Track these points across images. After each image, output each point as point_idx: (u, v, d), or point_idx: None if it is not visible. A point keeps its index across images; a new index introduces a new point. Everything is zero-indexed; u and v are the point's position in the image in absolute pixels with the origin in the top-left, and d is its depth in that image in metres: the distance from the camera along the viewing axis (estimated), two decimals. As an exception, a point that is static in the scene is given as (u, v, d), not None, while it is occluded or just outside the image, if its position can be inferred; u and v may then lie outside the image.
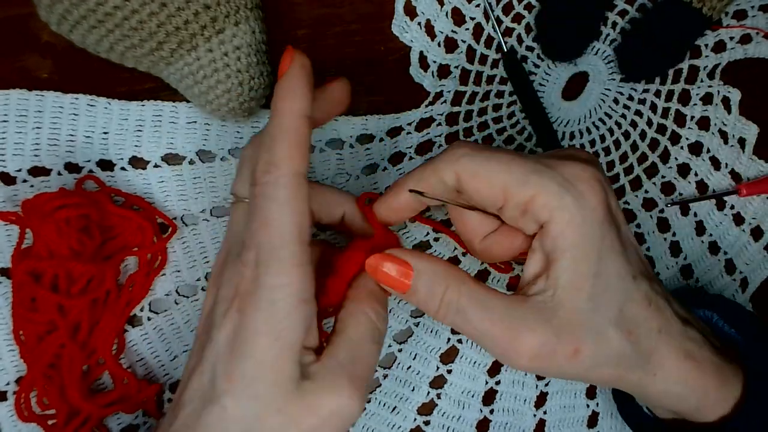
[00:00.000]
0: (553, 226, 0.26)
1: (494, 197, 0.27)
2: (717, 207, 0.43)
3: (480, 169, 0.27)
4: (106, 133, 0.36)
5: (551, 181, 0.26)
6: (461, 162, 0.27)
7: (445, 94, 0.40)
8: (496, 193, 0.27)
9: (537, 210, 0.26)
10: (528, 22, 0.41)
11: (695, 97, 0.42)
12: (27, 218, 0.33)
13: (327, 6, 0.38)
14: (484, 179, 0.27)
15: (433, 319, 0.28)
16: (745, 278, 0.42)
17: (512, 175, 0.26)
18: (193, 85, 0.33)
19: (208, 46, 0.32)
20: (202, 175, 0.37)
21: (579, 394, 0.40)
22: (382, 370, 0.38)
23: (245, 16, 0.33)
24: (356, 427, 0.38)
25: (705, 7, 0.39)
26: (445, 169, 0.28)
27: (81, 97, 0.35)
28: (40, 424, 0.33)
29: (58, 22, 0.32)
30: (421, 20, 0.39)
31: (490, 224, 0.30)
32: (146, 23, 0.31)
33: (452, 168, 0.27)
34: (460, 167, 0.27)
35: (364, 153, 0.39)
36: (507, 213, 0.27)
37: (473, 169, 0.27)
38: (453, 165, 0.27)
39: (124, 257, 0.35)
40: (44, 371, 0.33)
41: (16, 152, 0.35)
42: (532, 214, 0.26)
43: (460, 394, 0.39)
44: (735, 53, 0.42)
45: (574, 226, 0.26)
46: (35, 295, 0.32)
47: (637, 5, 0.42)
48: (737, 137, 0.42)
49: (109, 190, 0.35)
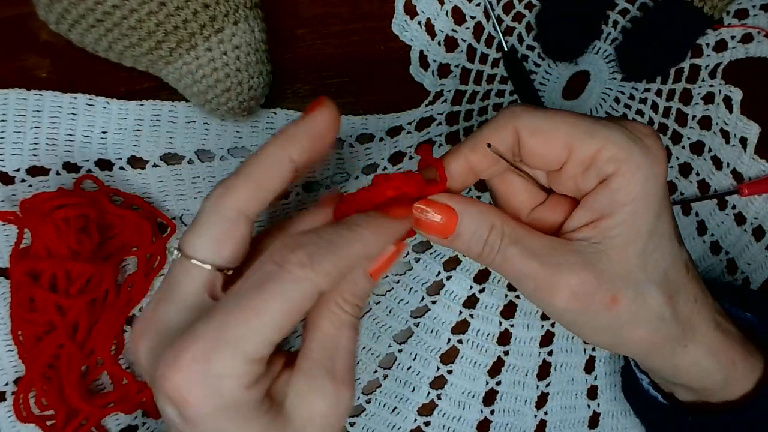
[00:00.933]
0: (617, 179, 0.25)
1: (557, 153, 0.25)
2: (718, 207, 0.42)
3: (543, 124, 0.25)
4: (104, 133, 0.36)
5: (620, 133, 0.25)
6: (522, 118, 0.25)
7: (445, 94, 0.40)
8: (558, 149, 0.25)
9: (602, 163, 0.25)
10: (529, 21, 0.41)
11: (696, 96, 0.42)
12: (25, 218, 0.33)
13: (327, 5, 0.38)
14: (547, 134, 0.25)
15: (475, 260, 0.27)
16: (746, 278, 0.42)
17: (578, 128, 0.25)
18: (192, 85, 0.33)
19: (207, 45, 0.32)
20: (201, 175, 0.36)
21: (580, 394, 0.40)
22: (382, 370, 0.38)
23: (244, 15, 0.33)
24: (356, 427, 0.38)
25: (706, 6, 0.39)
26: (505, 127, 0.26)
27: (80, 96, 0.35)
28: (39, 425, 0.33)
29: (56, 21, 0.32)
30: (421, 19, 0.39)
31: (537, 196, 0.28)
32: (145, 22, 0.31)
33: (512, 124, 0.26)
34: (520, 123, 0.25)
35: (364, 153, 0.39)
36: (568, 170, 0.26)
37: (535, 124, 0.25)
38: (512, 121, 0.26)
39: (123, 257, 0.35)
40: (43, 371, 0.32)
41: (15, 152, 0.34)
42: (596, 168, 0.25)
43: (461, 395, 0.39)
44: (736, 52, 0.42)
45: (640, 180, 0.25)
46: (34, 295, 0.32)
47: (638, 4, 0.41)
48: (739, 137, 0.42)
49: (108, 189, 0.35)
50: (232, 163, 0.37)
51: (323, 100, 0.25)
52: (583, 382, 0.40)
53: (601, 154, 0.25)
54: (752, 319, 0.31)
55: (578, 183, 0.26)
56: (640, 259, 0.25)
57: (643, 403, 0.34)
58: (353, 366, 0.25)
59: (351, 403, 0.24)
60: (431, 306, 0.39)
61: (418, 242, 0.39)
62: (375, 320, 0.38)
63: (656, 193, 0.25)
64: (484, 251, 0.26)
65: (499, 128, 0.26)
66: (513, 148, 0.26)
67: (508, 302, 0.40)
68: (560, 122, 0.25)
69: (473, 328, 0.39)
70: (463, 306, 0.39)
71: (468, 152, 0.27)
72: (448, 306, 0.39)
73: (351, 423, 0.38)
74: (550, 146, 0.25)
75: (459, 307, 0.39)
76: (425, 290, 0.39)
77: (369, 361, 0.38)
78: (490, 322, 0.40)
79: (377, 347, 0.38)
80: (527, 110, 0.26)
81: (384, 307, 0.38)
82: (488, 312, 0.40)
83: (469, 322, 0.39)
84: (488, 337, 0.39)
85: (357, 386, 0.38)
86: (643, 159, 0.25)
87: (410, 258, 0.39)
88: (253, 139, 0.37)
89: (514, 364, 0.40)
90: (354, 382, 0.25)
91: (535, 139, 0.25)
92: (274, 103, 0.37)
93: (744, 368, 0.29)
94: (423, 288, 0.39)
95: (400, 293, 0.39)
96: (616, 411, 0.41)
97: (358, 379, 0.38)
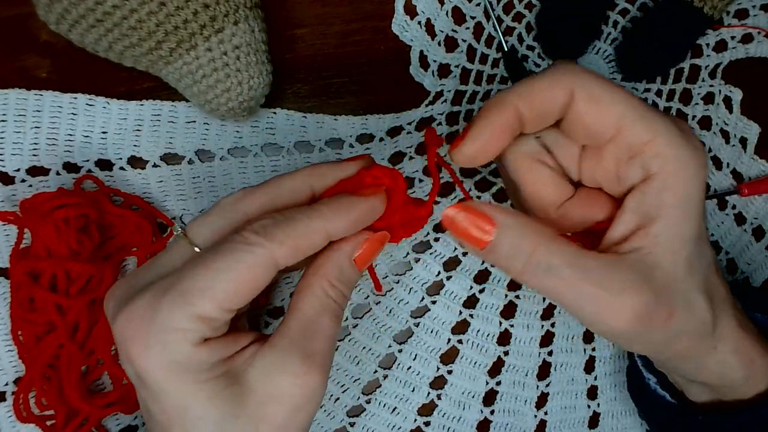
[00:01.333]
0: (663, 177, 0.23)
1: (607, 128, 0.24)
2: (718, 207, 0.42)
3: (602, 93, 0.23)
4: (104, 133, 0.36)
5: (672, 127, 0.23)
6: (582, 79, 0.23)
7: (445, 94, 0.40)
8: (609, 124, 0.24)
9: (649, 157, 0.23)
10: (529, 21, 0.41)
11: (696, 96, 0.42)
12: (25, 218, 0.33)
13: (327, 5, 0.38)
14: (603, 104, 0.23)
15: (514, 278, 0.25)
16: (747, 278, 0.42)
17: (635, 110, 0.23)
18: (192, 85, 0.33)
19: (207, 45, 0.32)
20: (201, 175, 0.36)
21: (580, 394, 0.40)
22: (382, 370, 0.38)
23: (244, 15, 0.33)
24: (356, 427, 0.38)
25: (706, 7, 0.39)
26: (561, 82, 0.23)
27: (80, 96, 0.35)
28: (39, 425, 0.33)
29: (56, 21, 0.32)
30: (422, 19, 0.39)
31: (565, 190, 0.27)
32: (145, 22, 0.31)
33: (570, 81, 0.23)
34: (579, 83, 0.23)
35: (364, 153, 0.39)
36: (612, 152, 0.25)
37: (594, 89, 0.23)
38: (571, 78, 0.23)
39: (123, 257, 0.35)
40: (43, 371, 0.32)
41: (15, 152, 0.34)
42: (642, 161, 0.24)
43: (461, 395, 0.39)
44: (736, 53, 0.42)
45: (685, 182, 0.23)
46: (34, 296, 0.32)
47: (638, 4, 0.41)
48: (739, 137, 0.42)
49: (108, 189, 0.35)
50: (232, 163, 0.37)
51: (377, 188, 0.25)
52: (583, 382, 0.40)
53: (652, 146, 0.23)
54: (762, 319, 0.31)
55: (619, 171, 0.25)
56: (687, 267, 0.24)
57: (649, 402, 0.34)
58: (330, 353, 0.24)
59: (322, 390, 0.24)
60: (431, 306, 0.39)
61: (418, 242, 0.39)
62: (375, 320, 0.38)
63: (700, 195, 0.24)
64: (526, 269, 0.24)
65: (554, 83, 0.24)
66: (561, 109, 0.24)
67: (508, 302, 0.40)
68: (619, 97, 0.24)
69: (473, 328, 0.39)
70: (463, 306, 0.39)
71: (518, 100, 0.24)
72: (448, 306, 0.39)
73: (351, 423, 0.38)
74: (602, 118, 0.24)
75: (459, 307, 0.39)
76: (425, 290, 0.39)
77: (369, 361, 0.38)
78: (490, 322, 0.40)
79: (377, 347, 0.38)
80: (587, 72, 0.24)
81: (384, 307, 0.38)
82: (488, 312, 0.40)
83: (469, 322, 0.39)
84: (488, 337, 0.39)
85: (357, 386, 0.38)
86: (692, 158, 0.23)
87: (410, 258, 0.39)
88: (253, 139, 0.37)
89: (514, 365, 0.40)
90: (328, 370, 0.24)
91: (589, 105, 0.24)
92: (274, 103, 0.37)
93: (762, 366, 0.28)
94: (423, 288, 0.39)
95: (400, 293, 0.39)
96: (617, 411, 0.41)
97: (358, 380, 0.38)
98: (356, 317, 0.38)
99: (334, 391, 0.38)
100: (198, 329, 0.22)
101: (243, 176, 0.37)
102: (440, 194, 0.39)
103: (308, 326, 0.24)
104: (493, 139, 0.25)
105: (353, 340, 0.38)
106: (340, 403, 0.38)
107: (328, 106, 0.38)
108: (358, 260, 0.25)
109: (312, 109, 0.38)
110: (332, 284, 0.25)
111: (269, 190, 0.25)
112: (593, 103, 0.24)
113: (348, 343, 0.38)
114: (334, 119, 0.38)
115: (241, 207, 0.24)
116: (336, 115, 0.38)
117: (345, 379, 0.38)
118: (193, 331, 0.22)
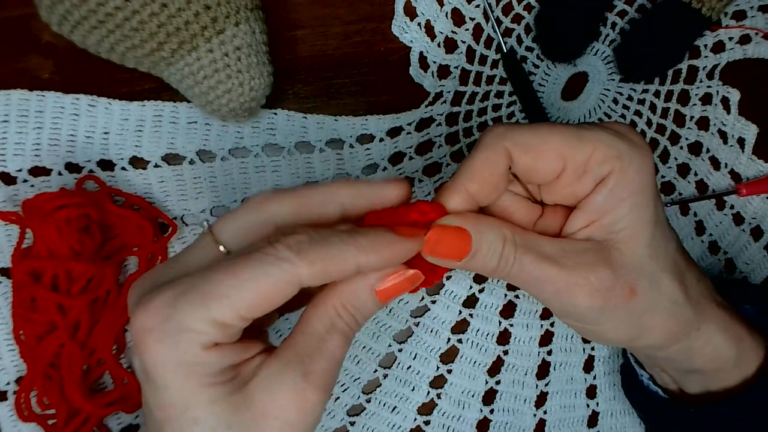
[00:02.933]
0: (613, 176, 0.25)
1: (552, 165, 0.26)
2: (717, 207, 0.43)
3: (532, 139, 0.25)
4: (106, 133, 0.36)
5: (606, 133, 0.25)
6: (510, 137, 0.25)
7: (444, 95, 0.40)
8: (553, 161, 0.25)
9: (596, 165, 0.25)
10: (527, 23, 0.41)
11: (694, 97, 0.42)
12: (27, 218, 0.33)
13: (327, 6, 0.39)
14: (539, 148, 0.25)
15: (490, 275, 0.26)
16: (745, 277, 0.42)
17: (567, 135, 0.25)
18: (193, 86, 0.33)
19: (208, 46, 0.32)
20: (202, 175, 0.37)
21: (579, 393, 0.40)
22: (382, 369, 0.38)
23: (246, 17, 0.33)
24: (356, 426, 0.38)
25: (704, 8, 0.39)
26: (495, 149, 0.25)
27: (82, 97, 0.35)
28: (40, 424, 0.33)
29: (59, 22, 0.32)
30: (421, 21, 0.39)
31: (535, 211, 0.28)
32: (147, 24, 0.31)
33: (501, 146, 0.25)
34: (509, 143, 0.25)
35: (364, 153, 0.39)
36: (564, 180, 0.26)
37: (525, 141, 0.25)
38: (501, 142, 0.25)
39: (125, 257, 0.35)
40: (44, 371, 0.33)
41: (17, 152, 0.35)
42: (592, 172, 0.26)
43: (460, 394, 0.39)
44: (734, 53, 0.42)
45: (634, 174, 0.25)
46: (35, 295, 0.32)
47: (636, 6, 0.42)
48: (736, 137, 0.42)
49: (110, 190, 0.35)
50: (233, 163, 0.37)
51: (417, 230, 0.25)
52: (582, 381, 0.41)
53: (594, 156, 0.25)
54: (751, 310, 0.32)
55: (574, 190, 0.27)
56: (649, 249, 0.26)
57: (643, 398, 0.35)
58: (333, 375, 0.24)
59: (319, 410, 0.23)
60: (431, 305, 0.39)
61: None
62: (375, 320, 0.38)
63: (650, 182, 0.26)
64: (500, 265, 0.26)
65: (489, 152, 0.25)
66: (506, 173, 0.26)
67: (508, 302, 0.40)
68: (548, 134, 0.25)
69: (473, 327, 0.39)
70: (462, 305, 0.39)
71: (467, 183, 0.26)
72: (448, 306, 0.39)
73: (351, 422, 0.38)
74: (544, 159, 0.26)
75: (459, 307, 0.39)
76: (425, 290, 0.39)
77: (369, 361, 0.38)
78: (489, 321, 0.40)
79: (377, 346, 0.38)
80: (511, 128, 0.26)
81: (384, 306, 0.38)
82: (488, 311, 0.40)
83: (468, 321, 0.39)
84: (488, 336, 0.40)
85: (357, 385, 0.38)
86: (633, 153, 0.25)
87: (410, 258, 0.39)
88: (254, 140, 0.37)
89: (514, 364, 0.40)
90: (328, 392, 0.24)
91: (528, 156, 0.25)
92: (274, 103, 0.38)
93: (751, 346, 0.29)
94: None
95: (400, 293, 0.39)
96: (615, 410, 0.41)
97: (358, 379, 0.38)
98: (356, 317, 0.38)
99: (335, 390, 0.38)
100: (211, 333, 0.22)
101: (244, 176, 0.37)
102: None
103: (315, 342, 0.24)
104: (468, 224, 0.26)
105: (353, 340, 0.38)
106: (341, 402, 0.38)
107: (328, 107, 0.39)
108: (381, 294, 0.25)
109: (312, 110, 0.38)
110: (345, 307, 0.24)
111: (299, 196, 0.25)
112: (530, 153, 0.25)
113: (348, 342, 0.38)
114: (334, 120, 0.38)
115: (269, 209, 0.24)
116: (336, 116, 0.38)
117: (345, 378, 0.38)
118: (207, 334, 0.21)
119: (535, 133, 0.25)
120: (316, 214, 0.25)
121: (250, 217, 0.24)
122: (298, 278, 0.22)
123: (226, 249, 0.24)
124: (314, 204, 0.25)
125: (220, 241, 0.24)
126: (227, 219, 0.24)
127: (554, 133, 0.25)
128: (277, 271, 0.22)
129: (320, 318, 0.24)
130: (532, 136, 0.25)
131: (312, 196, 0.25)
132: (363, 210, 0.25)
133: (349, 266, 0.23)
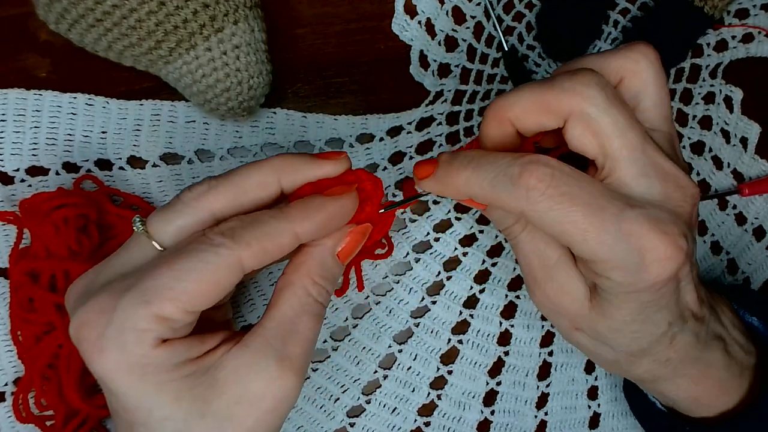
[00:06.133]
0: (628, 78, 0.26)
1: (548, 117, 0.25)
2: (719, 207, 0.42)
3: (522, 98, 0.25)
4: (104, 133, 0.35)
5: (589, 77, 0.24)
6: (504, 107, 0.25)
7: (445, 93, 0.40)
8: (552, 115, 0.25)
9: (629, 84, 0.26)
10: (529, 21, 0.41)
11: (697, 96, 0.42)
12: (25, 218, 0.32)
13: (327, 5, 0.38)
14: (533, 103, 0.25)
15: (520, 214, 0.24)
16: (747, 278, 0.42)
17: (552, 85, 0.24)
18: (191, 84, 0.33)
19: (206, 45, 0.32)
20: (200, 175, 0.36)
21: (580, 395, 0.40)
22: (382, 370, 0.38)
23: (244, 15, 0.33)
24: (356, 427, 0.38)
25: (707, 6, 0.39)
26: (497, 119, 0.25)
27: (79, 96, 0.35)
28: (38, 425, 0.33)
29: (56, 20, 0.32)
30: (422, 19, 0.39)
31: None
32: (145, 22, 0.31)
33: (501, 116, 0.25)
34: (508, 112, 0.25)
35: (364, 153, 0.39)
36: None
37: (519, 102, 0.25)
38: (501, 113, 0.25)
39: (123, 257, 0.35)
40: (42, 372, 0.32)
41: (14, 152, 0.34)
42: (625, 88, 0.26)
43: (461, 395, 0.39)
44: (737, 52, 0.42)
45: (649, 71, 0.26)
46: (33, 296, 0.32)
47: (638, 4, 0.41)
48: (739, 137, 0.42)
49: (108, 189, 0.35)
50: (231, 162, 0.37)
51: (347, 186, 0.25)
52: (583, 383, 0.40)
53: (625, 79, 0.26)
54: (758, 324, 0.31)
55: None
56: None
57: (643, 406, 0.34)
58: (307, 356, 0.24)
59: (296, 393, 0.23)
60: (431, 306, 0.39)
61: (419, 242, 0.39)
62: (375, 320, 0.38)
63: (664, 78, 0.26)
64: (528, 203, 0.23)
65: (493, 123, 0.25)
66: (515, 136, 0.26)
67: (509, 303, 0.40)
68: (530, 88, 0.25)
69: (473, 328, 0.39)
70: (463, 306, 0.39)
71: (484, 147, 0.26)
72: (448, 306, 0.39)
73: (351, 423, 0.38)
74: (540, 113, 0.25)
75: (459, 308, 0.39)
76: (425, 290, 0.39)
77: (369, 362, 0.38)
78: (490, 322, 0.39)
79: (377, 347, 0.38)
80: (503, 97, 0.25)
81: (384, 307, 0.38)
82: (488, 312, 0.40)
83: (469, 322, 0.39)
84: (488, 337, 0.39)
85: (357, 386, 0.38)
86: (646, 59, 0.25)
87: (410, 258, 0.39)
88: (252, 139, 0.37)
89: (515, 365, 0.40)
90: (304, 373, 0.23)
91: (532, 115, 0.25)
92: (274, 102, 0.37)
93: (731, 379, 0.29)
94: (423, 288, 0.39)
95: (400, 293, 0.38)
96: (617, 411, 0.41)
97: (357, 380, 0.38)
98: (356, 317, 0.38)
99: (334, 392, 0.37)
100: (158, 330, 0.21)
101: (243, 176, 0.37)
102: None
103: (286, 327, 0.23)
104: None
105: (353, 340, 0.38)
106: (340, 403, 0.38)
107: (328, 106, 0.38)
108: (341, 254, 0.25)
109: (312, 109, 0.38)
110: (315, 281, 0.24)
111: (233, 185, 0.24)
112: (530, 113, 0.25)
113: (348, 343, 0.38)
114: (334, 119, 0.38)
115: (206, 203, 0.23)
116: (336, 115, 0.38)
117: (345, 379, 0.38)
118: (152, 331, 0.21)
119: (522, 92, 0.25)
120: (254, 198, 0.24)
121: (187, 214, 0.23)
122: (237, 262, 0.22)
123: (162, 246, 0.23)
124: (250, 188, 0.24)
125: (160, 242, 0.23)
126: (162, 217, 0.24)
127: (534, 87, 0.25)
128: (214, 257, 0.21)
129: (287, 301, 0.24)
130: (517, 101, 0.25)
131: (246, 181, 0.24)
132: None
133: (286, 239, 0.23)
